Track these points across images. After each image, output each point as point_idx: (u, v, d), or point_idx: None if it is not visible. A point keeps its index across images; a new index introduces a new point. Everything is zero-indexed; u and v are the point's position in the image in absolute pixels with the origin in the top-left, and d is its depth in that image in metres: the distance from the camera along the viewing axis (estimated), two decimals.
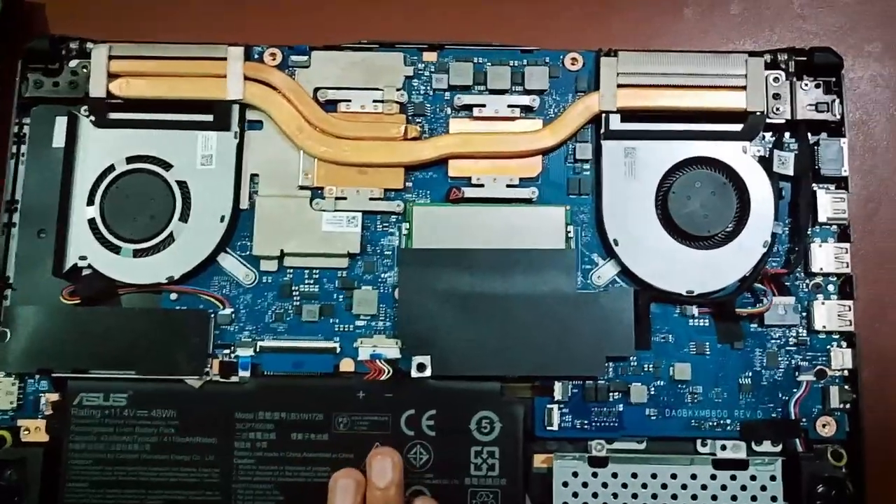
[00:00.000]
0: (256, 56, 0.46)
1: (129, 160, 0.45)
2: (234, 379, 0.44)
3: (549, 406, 0.44)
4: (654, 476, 0.43)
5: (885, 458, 0.44)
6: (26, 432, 0.44)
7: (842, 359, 0.44)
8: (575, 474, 0.43)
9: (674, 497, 0.43)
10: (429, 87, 0.47)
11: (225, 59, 0.45)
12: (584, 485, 0.43)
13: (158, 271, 0.44)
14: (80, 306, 0.44)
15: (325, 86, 0.46)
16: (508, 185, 0.46)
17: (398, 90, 0.46)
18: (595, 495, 0.43)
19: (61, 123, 0.46)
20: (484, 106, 0.46)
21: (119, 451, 0.43)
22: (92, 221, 0.45)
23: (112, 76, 0.45)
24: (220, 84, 0.45)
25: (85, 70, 0.46)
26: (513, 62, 0.47)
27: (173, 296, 0.45)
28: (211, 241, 0.44)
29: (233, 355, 0.44)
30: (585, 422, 0.44)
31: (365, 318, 0.45)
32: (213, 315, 0.44)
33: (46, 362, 0.43)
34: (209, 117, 0.45)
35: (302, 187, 0.45)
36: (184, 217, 0.45)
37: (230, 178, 0.45)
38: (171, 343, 0.43)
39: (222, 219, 0.45)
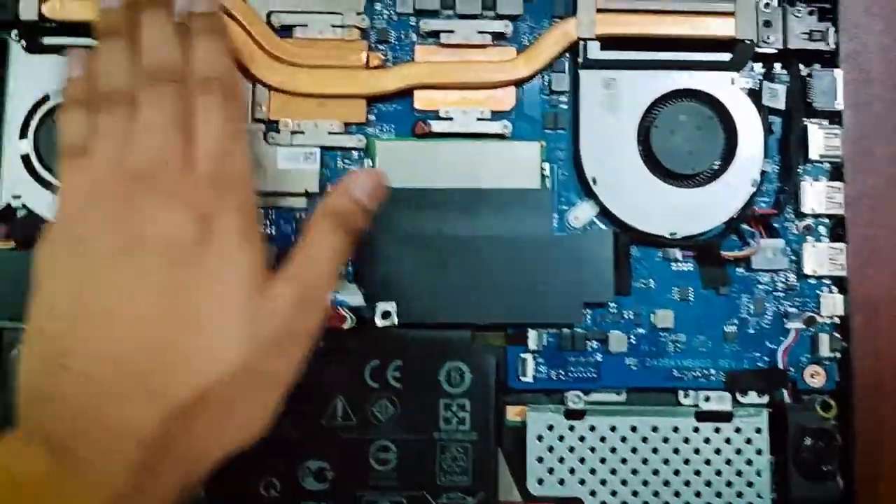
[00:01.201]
0: None
1: None
2: None
3: (522, 356, 0.43)
4: (633, 429, 0.42)
5: (874, 409, 0.43)
6: None
7: (833, 305, 0.44)
8: (550, 427, 0.42)
9: (654, 451, 0.42)
10: (392, 12, 0.45)
11: None
12: (560, 438, 0.42)
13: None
14: (15, 250, 0.42)
15: (279, 9, 0.44)
16: (479, 119, 0.44)
17: (359, 14, 0.44)
18: (571, 449, 0.42)
19: None
20: (452, 32, 0.44)
21: None
22: (26, 157, 0.43)
23: None
24: None
25: None
26: None
27: None
28: None
29: None
30: (561, 372, 0.43)
31: None
32: None
33: None
34: None
35: (256, 120, 0.43)
36: None
37: None
38: None
39: None
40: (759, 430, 0.42)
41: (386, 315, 0.41)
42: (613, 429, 0.42)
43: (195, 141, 0.35)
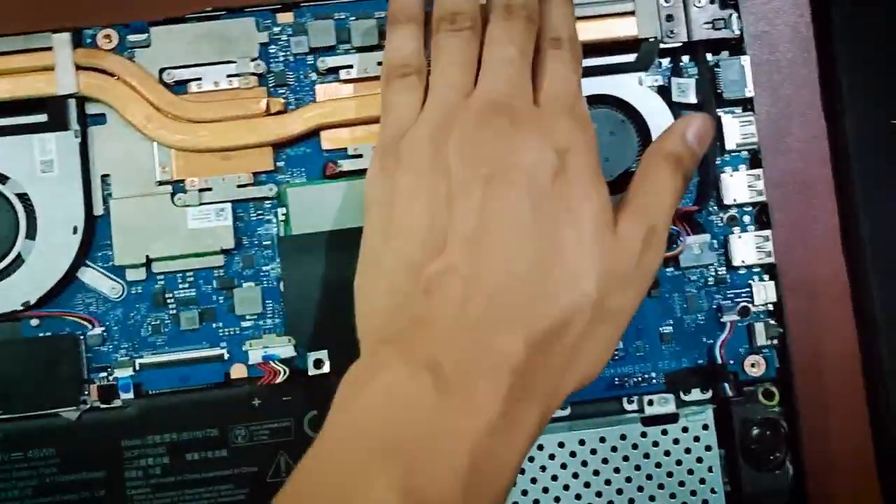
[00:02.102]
0: (89, 41, 0.44)
1: None
2: (116, 403, 0.42)
3: None
4: (581, 442, 0.44)
5: (817, 392, 0.45)
6: None
7: (765, 293, 0.45)
8: None
9: (604, 461, 0.44)
10: (288, 53, 0.45)
11: (51, 48, 0.43)
12: None
13: (12, 297, 0.42)
14: None
15: (170, 65, 0.44)
16: None
17: (253, 60, 0.44)
18: (522, 471, 0.43)
19: None
20: (351, 67, 0.44)
21: None
22: None
23: None
24: (49, 78, 0.43)
25: None
26: (378, 13, 0.44)
27: (34, 321, 0.43)
28: (66, 257, 0.43)
29: (111, 378, 0.43)
30: None
31: (251, 317, 0.44)
32: (82, 337, 0.43)
33: None
34: (43, 117, 0.43)
35: (161, 182, 0.43)
36: (30, 234, 0.43)
37: (77, 183, 0.43)
38: (41, 374, 0.42)
39: (75, 230, 0.43)
40: (705, 427, 0.44)
41: (318, 364, 0.42)
42: (562, 444, 0.44)
43: (545, 82, 0.37)
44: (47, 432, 0.42)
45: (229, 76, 0.44)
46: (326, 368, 0.42)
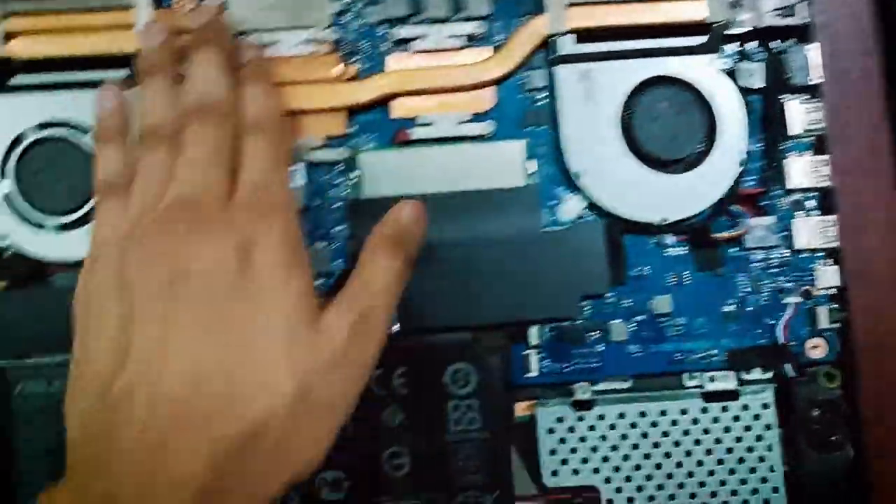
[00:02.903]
0: (167, 2, 0.46)
1: (41, 127, 0.45)
2: None
3: (525, 352, 0.45)
4: (642, 414, 0.45)
5: (878, 375, 0.46)
6: None
7: (828, 277, 0.46)
8: (560, 419, 0.44)
9: (665, 434, 0.45)
10: (361, 22, 0.47)
11: (132, 7, 0.45)
12: (571, 429, 0.44)
13: (85, 248, 0.44)
14: (8, 290, 0.44)
15: (247, 29, 0.46)
16: (459, 122, 0.46)
17: (327, 28, 0.46)
18: (583, 439, 0.44)
19: None
20: (423, 38, 0.46)
21: None
22: (7, 197, 0.45)
23: (9, 36, 0.45)
24: (127, 35, 0.45)
25: None
26: None
27: None
28: None
29: None
30: (565, 365, 0.45)
31: (322, 277, 0.45)
32: None
33: None
34: (124, 72, 0.45)
35: None
36: None
37: None
38: None
39: None
40: (766, 406, 0.45)
41: None
42: (622, 415, 0.45)
43: (242, 173, 0.37)
44: None
45: (303, 42, 0.46)
46: (395, 328, 0.43)
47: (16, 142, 0.45)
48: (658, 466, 0.45)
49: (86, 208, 0.45)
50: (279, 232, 0.35)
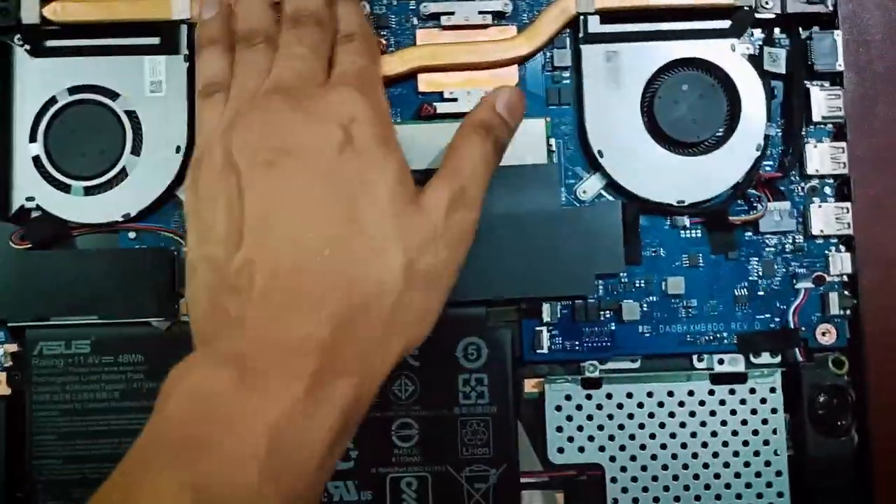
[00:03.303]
0: None
1: (72, 91, 0.46)
2: None
3: (537, 329, 0.46)
4: (650, 395, 0.46)
5: (886, 364, 0.47)
6: None
7: (840, 264, 0.47)
8: (568, 397, 0.46)
9: (671, 415, 0.46)
10: None
11: None
12: (578, 407, 0.46)
13: (113, 209, 0.46)
14: (32, 250, 0.45)
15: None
16: None
17: (360, 2, 0.47)
18: (589, 418, 0.46)
19: None
20: (452, 14, 0.47)
21: (86, 399, 0.44)
22: (37, 159, 0.46)
23: (45, 0, 0.46)
24: (164, 3, 0.46)
25: None
26: None
27: (132, 234, 0.46)
28: (167, 175, 0.46)
29: None
30: (576, 343, 0.46)
31: None
32: (176, 253, 0.46)
33: (1, 311, 0.45)
34: (156, 40, 0.46)
35: None
36: (136, 150, 0.46)
37: (183, 105, 0.46)
38: (134, 284, 0.45)
39: (178, 149, 0.46)
40: (773, 390, 0.46)
41: None
42: (630, 395, 0.46)
43: (335, 69, 0.39)
44: (138, 340, 0.45)
45: None
46: None
47: (47, 105, 0.46)
48: (663, 447, 0.46)
49: (112, 173, 0.46)
50: (377, 108, 0.37)
